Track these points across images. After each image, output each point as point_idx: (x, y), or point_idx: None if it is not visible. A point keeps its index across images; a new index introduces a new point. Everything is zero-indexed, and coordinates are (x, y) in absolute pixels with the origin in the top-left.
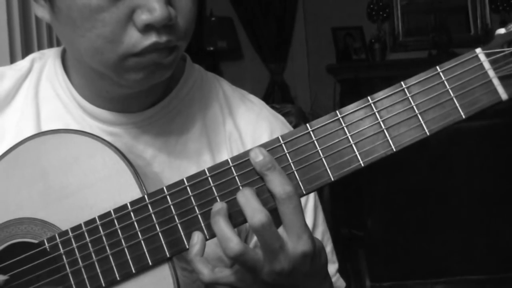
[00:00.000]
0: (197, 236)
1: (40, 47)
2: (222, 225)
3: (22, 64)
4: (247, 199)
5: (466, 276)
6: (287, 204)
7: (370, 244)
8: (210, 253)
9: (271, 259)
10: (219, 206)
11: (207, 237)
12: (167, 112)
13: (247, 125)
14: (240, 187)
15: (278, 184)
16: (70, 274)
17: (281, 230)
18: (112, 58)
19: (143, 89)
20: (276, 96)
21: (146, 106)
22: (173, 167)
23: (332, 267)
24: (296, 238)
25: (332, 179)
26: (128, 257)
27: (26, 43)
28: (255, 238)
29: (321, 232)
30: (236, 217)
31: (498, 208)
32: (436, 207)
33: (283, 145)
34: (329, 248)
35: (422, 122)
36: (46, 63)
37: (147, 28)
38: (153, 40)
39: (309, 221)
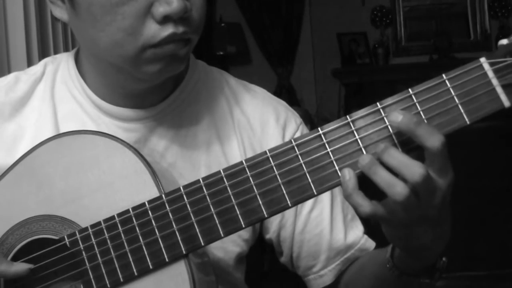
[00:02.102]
0: (347, 172)
1: (56, 50)
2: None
3: (36, 69)
4: (399, 159)
5: (467, 273)
6: (442, 151)
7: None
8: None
9: (430, 197)
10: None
11: (222, 235)
12: (176, 106)
13: (254, 111)
14: (253, 186)
15: (429, 135)
16: (89, 269)
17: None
18: (132, 50)
19: (157, 83)
20: (283, 99)
21: (157, 101)
22: (185, 157)
23: (359, 230)
24: (445, 174)
25: None
26: (145, 253)
27: (42, 46)
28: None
29: (341, 201)
30: (252, 213)
31: (497, 206)
32: None
33: (295, 147)
34: (350, 215)
35: None
36: (59, 66)
37: (165, 20)
38: (170, 31)
39: (326, 193)
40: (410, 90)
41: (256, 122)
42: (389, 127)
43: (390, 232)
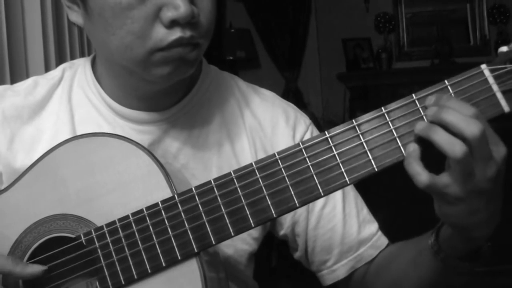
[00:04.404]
0: (412, 145)
1: (72, 55)
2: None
3: (54, 73)
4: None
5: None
6: (480, 121)
7: None
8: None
9: (485, 165)
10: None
11: (232, 234)
12: (189, 109)
13: (264, 113)
14: (263, 187)
15: (459, 109)
16: (104, 266)
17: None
18: (141, 53)
19: (169, 85)
20: (290, 101)
21: (170, 104)
22: (197, 158)
23: (373, 226)
24: (495, 145)
25: (348, 182)
26: (159, 251)
27: (59, 51)
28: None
29: (353, 197)
30: (261, 213)
31: None
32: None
33: (303, 149)
34: (365, 210)
35: None
36: (77, 71)
37: (172, 24)
38: (178, 35)
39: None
40: (414, 95)
41: (267, 124)
42: (393, 130)
43: (446, 210)
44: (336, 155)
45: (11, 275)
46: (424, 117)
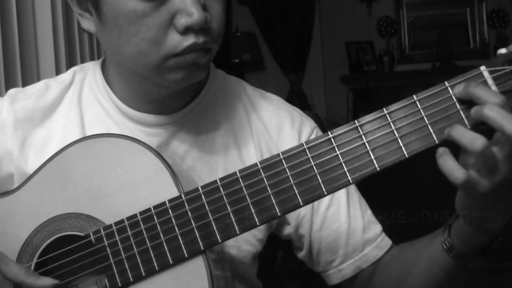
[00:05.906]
0: (443, 148)
1: (82, 59)
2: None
3: (65, 76)
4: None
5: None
6: (508, 109)
7: None
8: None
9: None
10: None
11: (238, 232)
12: (197, 112)
13: (270, 117)
14: (267, 186)
15: (488, 98)
16: (113, 264)
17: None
18: (155, 59)
19: (180, 89)
20: (295, 103)
21: (178, 107)
22: (203, 161)
23: (377, 227)
24: None
25: (351, 181)
26: (166, 249)
27: (70, 55)
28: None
29: (357, 199)
30: (266, 211)
31: None
32: (438, 204)
33: (306, 150)
34: (369, 212)
35: (431, 131)
36: (87, 74)
37: (186, 31)
38: (192, 41)
39: (342, 191)
40: (414, 96)
41: (273, 127)
42: (394, 131)
43: (470, 205)
44: (339, 155)
45: (23, 285)
46: (425, 118)
